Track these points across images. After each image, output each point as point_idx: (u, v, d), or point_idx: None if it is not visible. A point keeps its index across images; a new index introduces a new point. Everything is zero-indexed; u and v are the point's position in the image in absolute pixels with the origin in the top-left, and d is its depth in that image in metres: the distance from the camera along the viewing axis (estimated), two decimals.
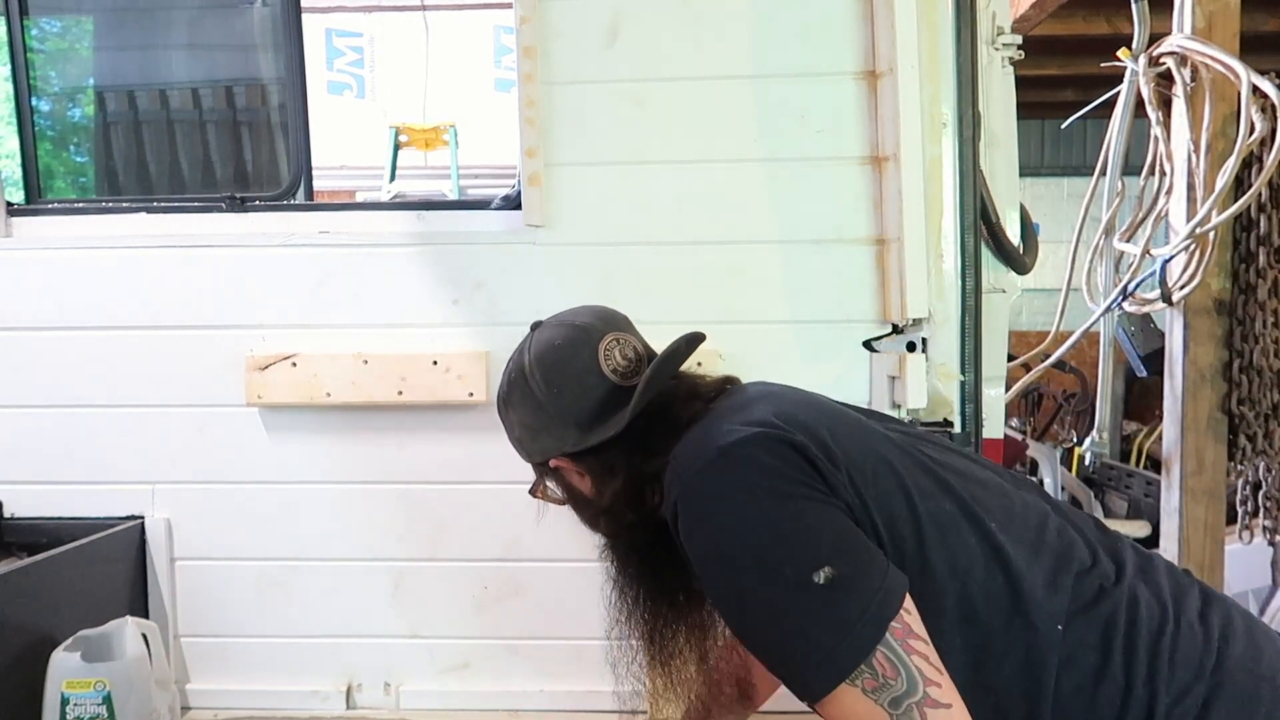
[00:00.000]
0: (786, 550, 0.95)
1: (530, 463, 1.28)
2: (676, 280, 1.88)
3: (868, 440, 1.07)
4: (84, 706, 1.61)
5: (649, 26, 1.86)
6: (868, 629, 0.90)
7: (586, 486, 1.23)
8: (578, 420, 1.18)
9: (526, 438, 1.25)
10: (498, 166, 5.76)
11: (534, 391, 1.20)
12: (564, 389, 1.18)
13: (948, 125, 1.77)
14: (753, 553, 0.96)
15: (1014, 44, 2.01)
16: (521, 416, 1.23)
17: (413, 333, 1.91)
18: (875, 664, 0.89)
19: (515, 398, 1.23)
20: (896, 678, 0.89)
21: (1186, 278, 2.37)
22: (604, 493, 1.21)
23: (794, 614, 0.93)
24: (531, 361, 1.21)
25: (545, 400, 1.19)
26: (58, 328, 1.95)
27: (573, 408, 1.18)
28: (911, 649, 0.90)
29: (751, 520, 0.97)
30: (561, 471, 1.24)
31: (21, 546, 1.91)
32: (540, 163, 1.85)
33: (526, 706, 1.94)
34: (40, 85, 2.26)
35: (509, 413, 1.26)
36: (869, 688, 0.89)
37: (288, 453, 1.94)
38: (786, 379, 1.88)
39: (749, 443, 1.01)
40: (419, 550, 1.94)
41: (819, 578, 0.92)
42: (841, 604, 0.91)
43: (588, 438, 1.18)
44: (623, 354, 1.22)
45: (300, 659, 1.96)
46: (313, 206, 2.07)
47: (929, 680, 0.89)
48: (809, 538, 0.95)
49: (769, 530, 0.96)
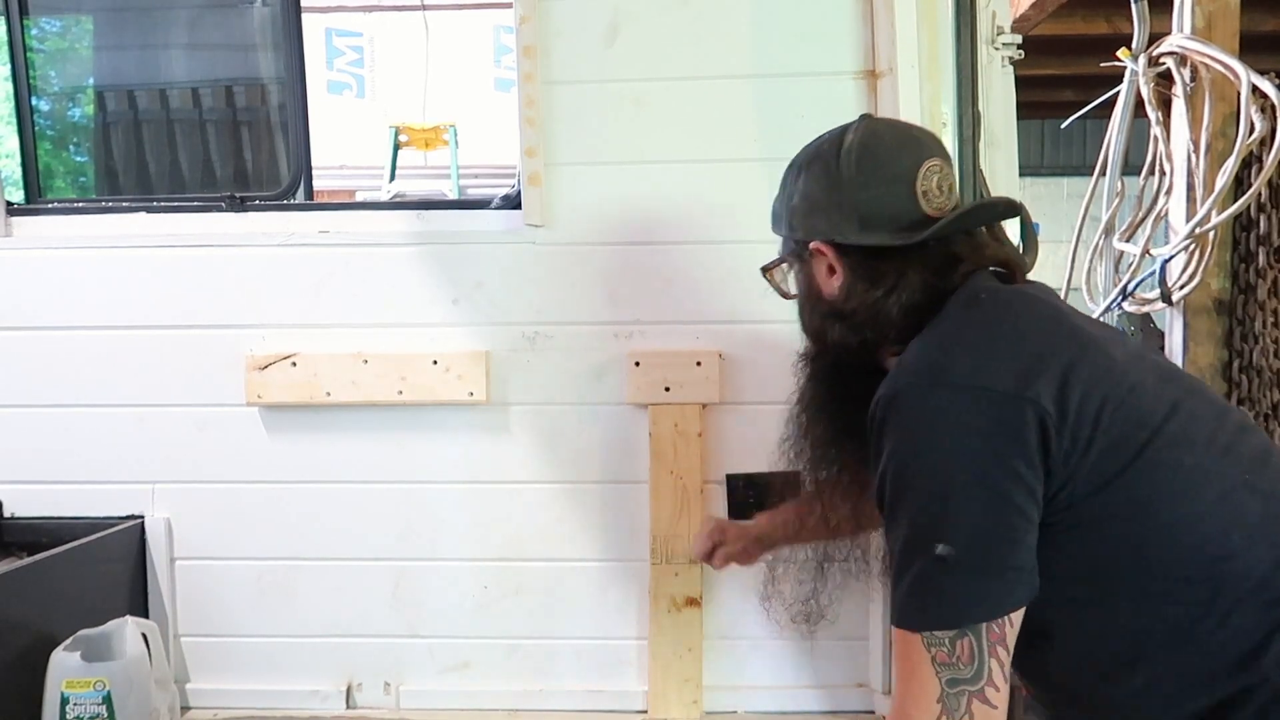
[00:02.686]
0: (938, 509, 0.98)
1: (787, 236, 1.24)
2: (676, 280, 1.88)
3: (1123, 375, 1.02)
4: (84, 706, 1.61)
5: (649, 26, 1.86)
6: (948, 611, 0.96)
7: (830, 285, 1.18)
8: (864, 216, 1.14)
9: (802, 209, 1.19)
10: (498, 166, 5.77)
11: (839, 169, 1.15)
12: (871, 181, 1.14)
13: (948, 125, 1.77)
14: (913, 490, 1.00)
15: (1014, 44, 2.01)
16: (810, 188, 1.18)
17: (413, 332, 1.91)
18: (958, 645, 0.95)
19: (816, 168, 1.19)
20: (969, 665, 0.95)
21: (1186, 278, 2.36)
22: (848, 297, 1.16)
23: (915, 558, 0.99)
24: (854, 142, 1.16)
25: (846, 181, 1.14)
26: (57, 328, 1.95)
27: (868, 202, 1.14)
28: (995, 652, 0.96)
29: (930, 467, 0.99)
30: (814, 259, 1.19)
31: (21, 546, 1.91)
32: (540, 162, 1.86)
33: (526, 706, 1.94)
34: (40, 85, 2.27)
35: (798, 179, 1.21)
36: (939, 660, 0.96)
37: (288, 453, 1.94)
38: (786, 379, 1.88)
39: (982, 397, 0.99)
40: (419, 550, 1.94)
41: (939, 550, 0.96)
42: (943, 582, 0.97)
43: (867, 236, 1.13)
44: (939, 183, 1.15)
45: (300, 659, 1.96)
46: (313, 206, 2.07)
47: (993, 682, 0.95)
48: (959, 515, 0.97)
49: (939, 483, 0.98)
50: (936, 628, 0.96)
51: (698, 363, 1.87)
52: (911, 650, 0.98)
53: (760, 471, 1.89)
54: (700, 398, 1.87)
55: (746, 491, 1.89)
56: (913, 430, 1.01)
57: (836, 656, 1.92)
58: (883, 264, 1.13)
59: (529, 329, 1.90)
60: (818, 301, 1.21)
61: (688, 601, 1.89)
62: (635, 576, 1.92)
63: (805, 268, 1.22)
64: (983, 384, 0.99)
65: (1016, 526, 0.97)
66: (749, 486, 1.88)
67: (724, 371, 1.87)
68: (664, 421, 1.87)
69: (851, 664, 1.92)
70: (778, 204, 1.26)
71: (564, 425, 1.91)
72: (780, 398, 1.89)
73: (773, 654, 1.92)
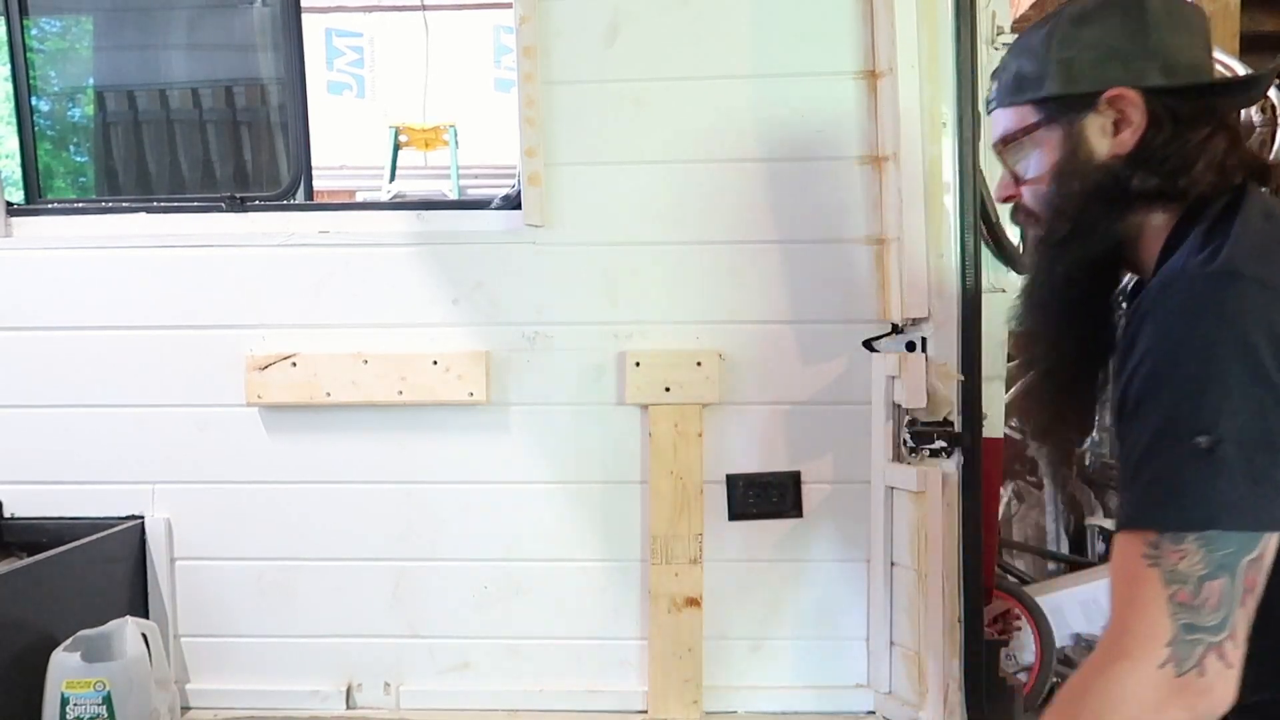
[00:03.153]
0: (1204, 399, 0.86)
1: (1060, 94, 1.08)
2: (676, 280, 1.88)
3: None
4: (84, 706, 1.61)
5: (649, 26, 1.86)
6: (1196, 510, 0.84)
7: (1119, 141, 1.06)
8: (1168, 65, 1.04)
9: (1091, 60, 1.07)
10: (498, 166, 5.76)
11: (1148, 14, 1.05)
12: (1181, 28, 1.06)
13: (947, 125, 1.77)
14: (1174, 380, 0.88)
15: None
16: (1106, 36, 1.07)
17: (413, 332, 1.91)
18: (1206, 586, 0.83)
19: (1113, 18, 1.07)
20: (1215, 611, 0.83)
21: None
22: (1145, 147, 1.04)
23: (1165, 449, 0.87)
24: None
25: (1157, 25, 1.05)
26: (57, 328, 1.95)
27: (1176, 50, 1.05)
28: (1245, 601, 0.84)
29: (1201, 354, 0.87)
30: (1102, 111, 1.06)
31: (21, 546, 1.91)
32: (540, 162, 1.86)
33: (526, 706, 1.94)
34: (40, 85, 2.27)
35: (1084, 29, 1.08)
36: (1179, 599, 0.84)
37: (288, 453, 1.94)
38: (786, 379, 1.89)
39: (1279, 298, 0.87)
40: (419, 550, 1.94)
41: (1201, 440, 0.84)
42: (1198, 476, 0.84)
43: (1177, 79, 1.04)
44: (1215, 49, 1.10)
45: (300, 659, 1.96)
46: (313, 206, 2.07)
47: (1234, 637, 0.83)
48: (1229, 408, 0.85)
49: (1211, 371, 0.86)
50: (1179, 528, 0.84)
51: (698, 363, 1.87)
52: (1144, 583, 0.85)
53: (760, 471, 1.89)
54: (700, 398, 1.87)
55: (746, 491, 1.89)
56: (1186, 317, 0.89)
57: (836, 656, 1.92)
58: (1195, 111, 1.04)
59: (529, 329, 1.90)
60: (1087, 166, 1.07)
61: (688, 601, 1.89)
62: (635, 576, 1.92)
63: (1076, 128, 1.07)
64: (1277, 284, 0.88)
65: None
66: (749, 486, 1.89)
67: (724, 371, 1.87)
68: (664, 422, 1.87)
69: (851, 664, 1.92)
70: (1032, 64, 1.11)
71: (564, 425, 1.91)
72: (780, 398, 1.91)
73: (773, 654, 1.92)
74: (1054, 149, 1.09)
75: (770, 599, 1.92)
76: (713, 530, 1.90)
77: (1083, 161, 1.07)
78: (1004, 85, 1.14)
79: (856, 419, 1.87)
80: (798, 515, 1.89)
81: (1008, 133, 1.13)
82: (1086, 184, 1.06)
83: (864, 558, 1.89)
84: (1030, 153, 1.12)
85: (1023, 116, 1.12)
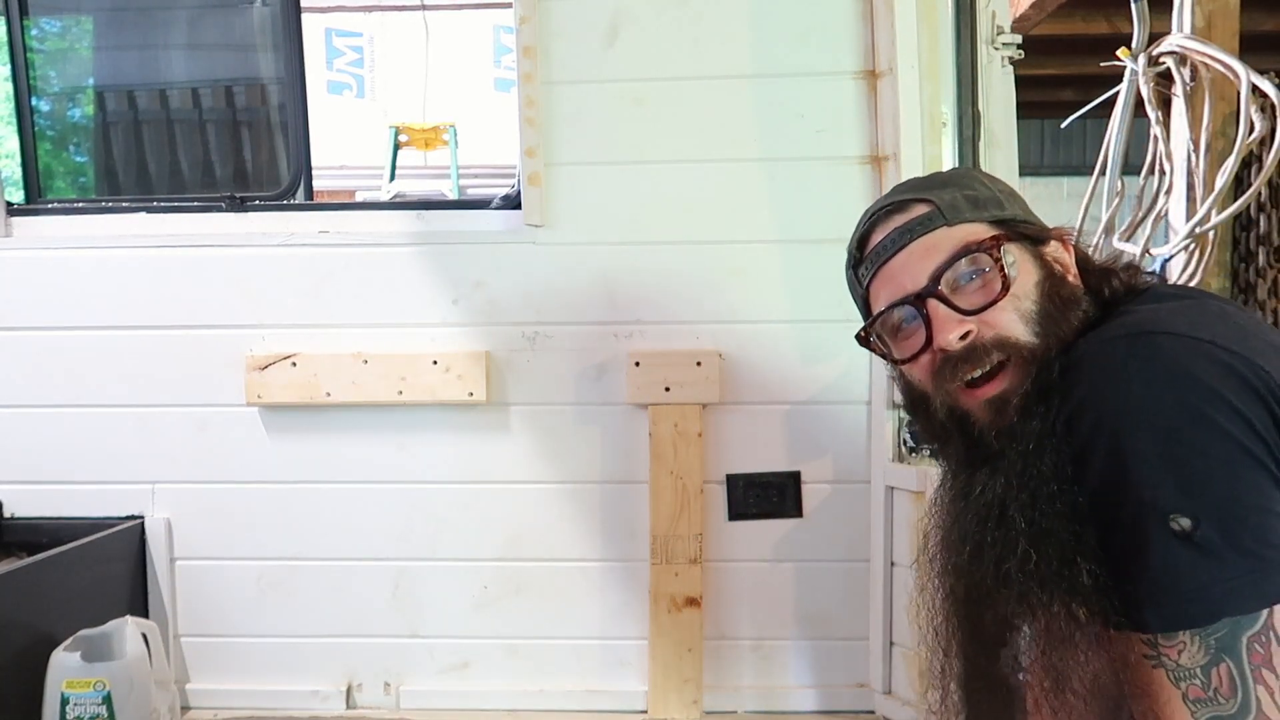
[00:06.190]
0: (1166, 470, 0.79)
1: (1028, 219, 1.01)
2: (676, 280, 1.88)
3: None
4: (84, 706, 1.61)
5: (649, 26, 1.86)
6: (1196, 606, 0.78)
7: (1074, 274, 0.98)
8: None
9: (1019, 203, 1.03)
10: (497, 166, 5.76)
11: (996, 188, 1.03)
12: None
13: (948, 125, 1.77)
14: (1126, 454, 0.80)
15: (1014, 44, 2.01)
16: (998, 193, 1.02)
17: (413, 333, 1.91)
18: (1213, 674, 0.77)
19: (982, 188, 1.03)
20: (1230, 698, 0.77)
21: (1186, 277, 2.36)
22: (1085, 281, 0.98)
23: (1144, 541, 0.80)
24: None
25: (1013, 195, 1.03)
26: (57, 328, 1.95)
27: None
28: (1261, 677, 0.77)
29: (1147, 419, 0.80)
30: (1054, 245, 0.99)
31: (21, 546, 1.91)
32: (540, 162, 1.86)
33: (526, 706, 1.94)
34: (40, 85, 2.26)
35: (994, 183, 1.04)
36: (1192, 696, 0.78)
37: (288, 453, 1.94)
38: (786, 379, 1.89)
39: (1205, 347, 0.81)
40: (419, 550, 1.94)
41: (1177, 524, 0.77)
42: (1183, 566, 0.78)
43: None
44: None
45: (300, 659, 1.96)
46: (313, 206, 2.07)
47: (1264, 716, 0.76)
48: (1195, 475, 0.78)
49: (1160, 437, 0.79)
50: (1167, 628, 0.78)
51: (698, 363, 1.87)
52: (1156, 685, 0.79)
53: (760, 471, 1.89)
54: (700, 398, 1.87)
55: (746, 491, 1.89)
56: (1117, 378, 0.82)
57: (836, 656, 1.92)
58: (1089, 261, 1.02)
59: (529, 329, 1.90)
60: (1068, 285, 0.97)
61: (688, 601, 1.89)
62: (635, 576, 1.92)
63: (1041, 251, 0.99)
64: (1206, 338, 0.82)
65: (1267, 493, 0.78)
66: (749, 486, 1.89)
67: (724, 371, 1.87)
68: (664, 421, 1.87)
69: (851, 664, 1.92)
70: (975, 191, 1.02)
71: (564, 425, 1.91)
72: (780, 397, 1.91)
73: (772, 654, 1.93)
74: (1029, 268, 0.96)
75: (770, 599, 1.92)
76: (713, 530, 1.90)
77: (1060, 279, 0.96)
78: (946, 205, 0.99)
79: (856, 419, 1.88)
80: (797, 515, 1.90)
81: (972, 240, 0.95)
82: (1074, 303, 0.95)
83: (864, 558, 1.89)
84: (1011, 262, 0.95)
85: (985, 230, 0.97)
